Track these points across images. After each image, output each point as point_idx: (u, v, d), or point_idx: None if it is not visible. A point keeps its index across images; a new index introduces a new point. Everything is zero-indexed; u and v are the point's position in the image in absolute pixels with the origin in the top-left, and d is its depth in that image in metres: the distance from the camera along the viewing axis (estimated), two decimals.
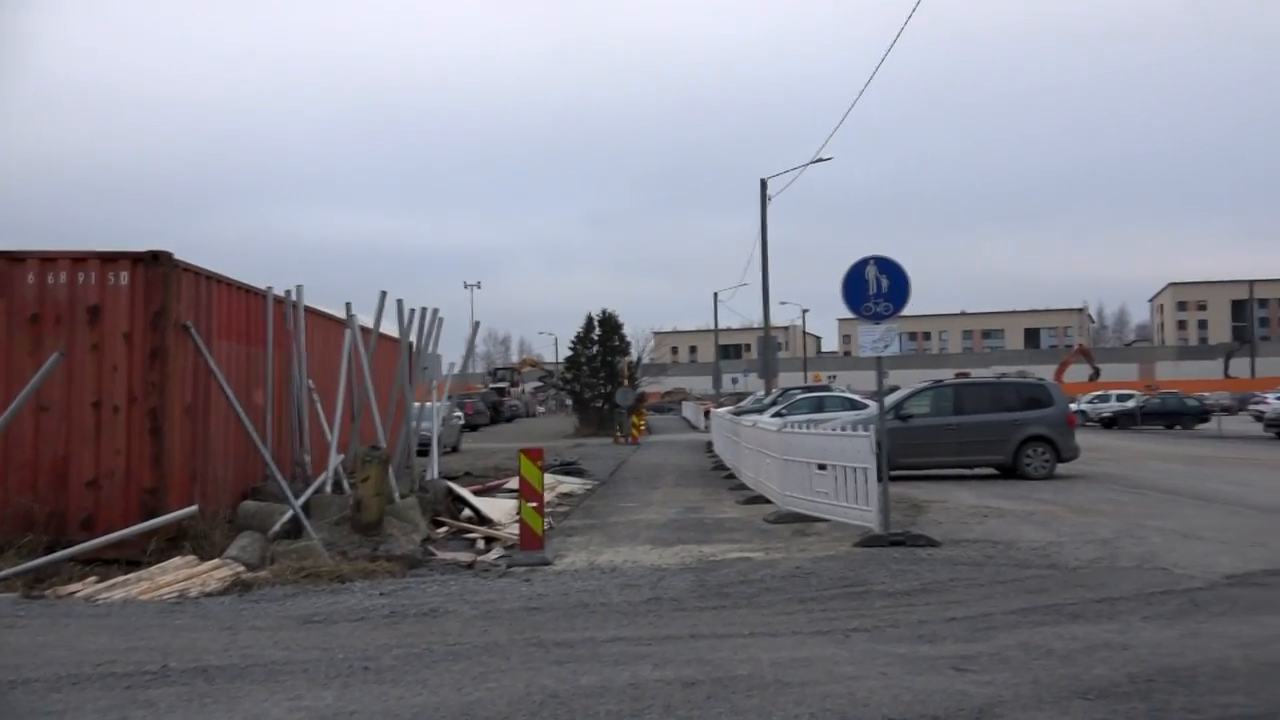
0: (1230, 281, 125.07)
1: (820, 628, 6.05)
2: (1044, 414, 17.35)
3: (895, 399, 18.51)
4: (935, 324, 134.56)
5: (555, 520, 12.81)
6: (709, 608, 6.93)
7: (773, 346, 33.04)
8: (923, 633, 5.85)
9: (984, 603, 6.89)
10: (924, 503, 13.41)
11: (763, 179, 32.12)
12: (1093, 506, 12.96)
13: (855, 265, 10.62)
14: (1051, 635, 5.69)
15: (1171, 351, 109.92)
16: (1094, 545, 9.60)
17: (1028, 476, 16.81)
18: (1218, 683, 4.59)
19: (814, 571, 8.40)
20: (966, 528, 11.02)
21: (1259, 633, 5.70)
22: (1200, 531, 10.45)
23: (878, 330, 10.66)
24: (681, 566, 8.95)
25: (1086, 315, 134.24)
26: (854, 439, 10.87)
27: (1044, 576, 7.99)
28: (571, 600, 7.32)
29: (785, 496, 12.69)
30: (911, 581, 7.81)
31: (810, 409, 25.30)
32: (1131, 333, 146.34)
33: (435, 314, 14.53)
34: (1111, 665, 4.93)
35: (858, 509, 10.73)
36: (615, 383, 40.01)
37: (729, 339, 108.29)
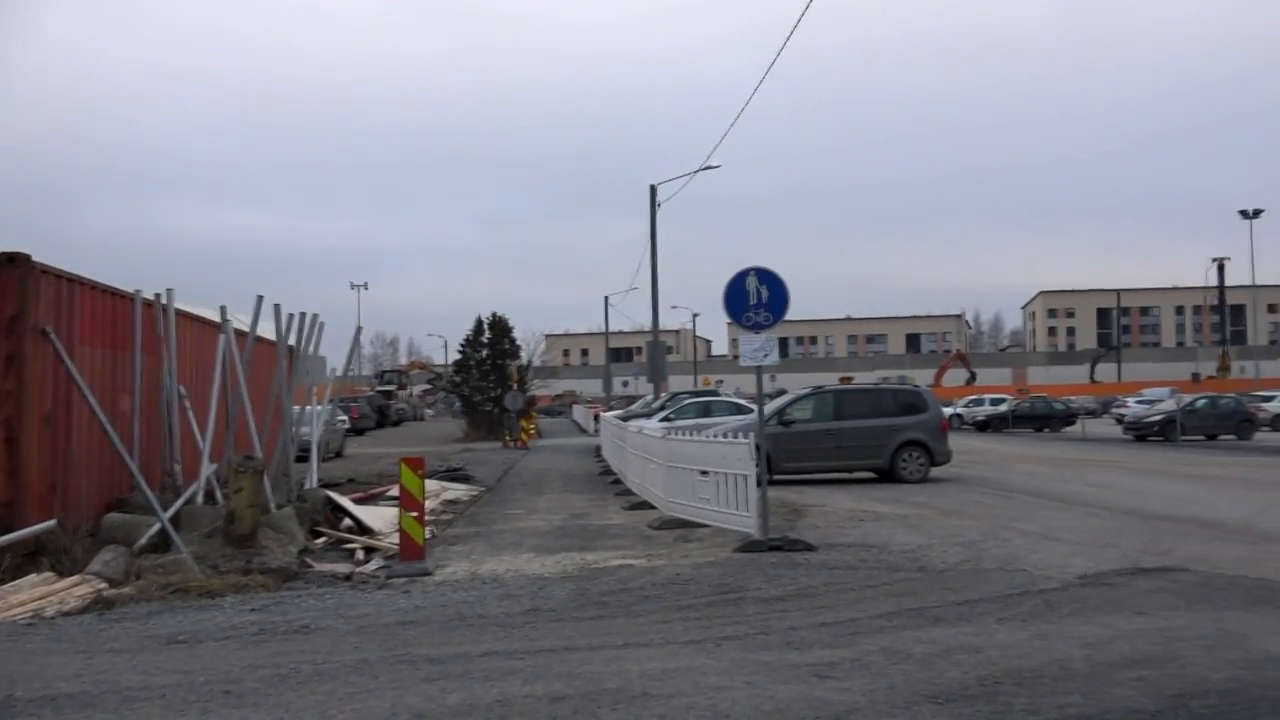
0: (1096, 290, 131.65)
1: (694, 636, 6.15)
2: (919, 420, 17.96)
3: (778, 405, 18.91)
4: (822, 329, 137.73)
5: (439, 529, 12.67)
6: (587, 618, 6.96)
7: (662, 351, 33.32)
8: (792, 639, 6.00)
9: (853, 607, 7.10)
10: (804, 507, 13.73)
11: (652, 185, 32.40)
12: (962, 509, 13.47)
13: (736, 276, 10.82)
14: (912, 639, 5.91)
15: (1042, 357, 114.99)
16: (961, 548, 9.98)
17: (904, 480, 17.37)
18: (1059, 683, 4.84)
19: (693, 578, 8.51)
20: (843, 532, 11.33)
21: (1102, 633, 6.04)
22: (1059, 533, 10.96)
23: (758, 340, 10.87)
24: (563, 575, 8.97)
25: (964, 321, 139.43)
26: (735, 446, 11.06)
27: (912, 580, 8.28)
28: (449, 613, 7.26)
29: (669, 502, 12.83)
30: (787, 587, 8.00)
31: (697, 413, 25.64)
32: (1006, 338, 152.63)
33: (315, 319, 14.21)
34: (964, 668, 5.15)
35: (738, 515, 10.91)
36: (505, 386, 39.68)
37: (620, 342, 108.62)
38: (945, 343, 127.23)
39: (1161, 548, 9.81)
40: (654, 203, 32.27)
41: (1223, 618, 6.43)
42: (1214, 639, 5.80)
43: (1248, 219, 61.68)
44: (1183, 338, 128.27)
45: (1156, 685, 4.77)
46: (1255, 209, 61.57)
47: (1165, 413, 34.85)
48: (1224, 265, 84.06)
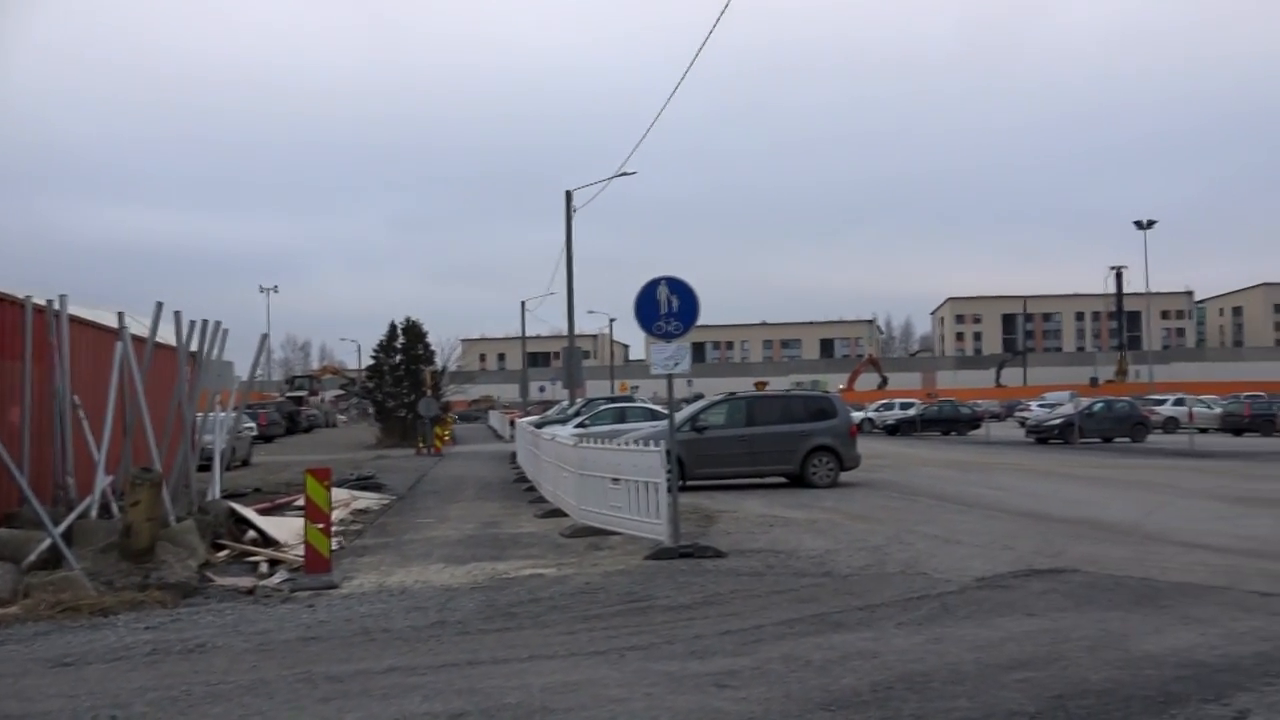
0: (1002, 297, 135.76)
1: (599, 647, 6.17)
2: (829, 425, 18.28)
3: (691, 411, 19.08)
4: (738, 333, 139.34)
5: (347, 540, 12.47)
6: (494, 630, 6.93)
7: (578, 356, 33.30)
8: (695, 648, 6.07)
9: (759, 614, 7.20)
10: (716, 513, 13.87)
11: (568, 191, 32.42)
12: (869, 514, 13.76)
13: (647, 285, 10.88)
14: (813, 646, 6.03)
15: (951, 361, 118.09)
16: (866, 552, 10.19)
17: (814, 485, 17.66)
18: (949, 687, 5.00)
19: (603, 587, 8.54)
20: (752, 537, 11.47)
21: (993, 635, 6.24)
22: (960, 536, 11.28)
23: (669, 348, 10.94)
24: (472, 586, 8.91)
25: (876, 327, 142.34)
26: (646, 454, 11.13)
27: (818, 585, 8.43)
28: (354, 627, 7.15)
29: (581, 510, 12.84)
30: (694, 594, 8.08)
31: (613, 419, 25.70)
32: (916, 343, 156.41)
33: (218, 326, 13.85)
34: (859, 674, 5.28)
35: (649, 522, 10.98)
36: (419, 392, 39.17)
37: (537, 347, 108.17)
38: (858, 348, 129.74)
39: (1055, 549, 10.15)
40: (569, 208, 32.27)
41: (1106, 618, 6.70)
42: (1096, 639, 6.05)
43: (1142, 229, 64.14)
44: (1083, 343, 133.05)
45: (1039, 687, 4.96)
46: (1149, 220, 64.05)
47: (1064, 416, 36.10)
48: (1122, 273, 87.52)
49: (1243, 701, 4.69)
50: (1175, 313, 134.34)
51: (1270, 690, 4.86)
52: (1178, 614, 6.83)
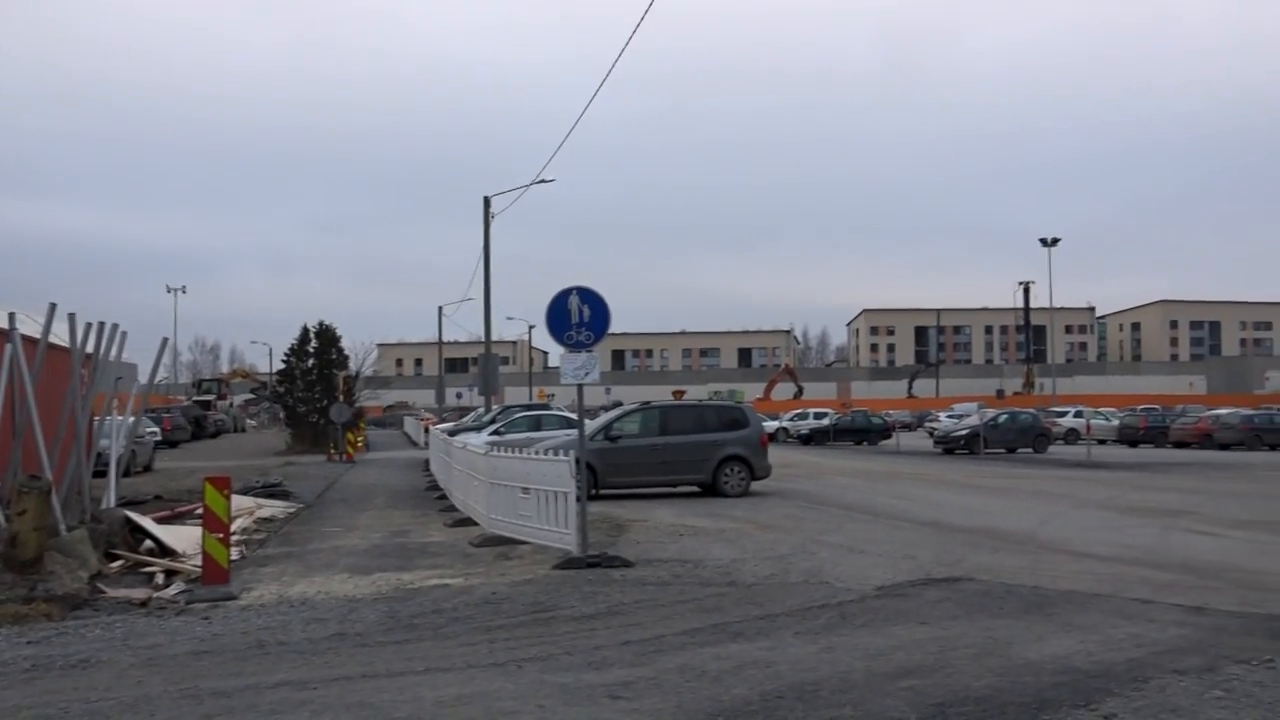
0: (914, 309, 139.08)
1: (498, 659, 6.16)
2: (741, 435, 18.50)
3: (605, 420, 19.12)
4: (657, 342, 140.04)
5: (249, 550, 12.19)
6: (393, 642, 6.86)
7: (494, 363, 33.11)
8: (594, 659, 6.10)
9: (661, 624, 7.27)
10: (627, 522, 13.91)
11: (486, 197, 32.25)
12: (777, 523, 13.95)
13: (558, 295, 10.90)
14: (710, 656, 6.11)
15: (865, 372, 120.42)
16: (771, 562, 10.34)
17: (725, 494, 17.84)
18: (836, 695, 5.12)
19: (508, 597, 8.52)
20: (661, 547, 11.54)
21: (884, 643, 6.40)
22: (864, 545, 11.52)
23: (579, 358, 10.97)
24: (376, 597, 8.81)
25: (793, 337, 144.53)
26: (555, 464, 11.13)
27: (722, 595, 8.53)
28: (249, 640, 7.01)
29: (491, 519, 12.79)
30: (599, 605, 8.11)
31: (529, 427, 25.57)
32: (831, 354, 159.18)
33: (115, 328, 13.43)
34: (752, 684, 5.37)
35: (558, 531, 10.98)
36: (332, 397, 38.49)
37: (455, 352, 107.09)
38: (775, 357, 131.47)
39: (953, 558, 10.43)
40: (488, 214, 32.09)
41: (994, 626, 6.93)
42: (982, 647, 6.25)
43: (1047, 247, 66.28)
44: (991, 355, 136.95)
45: (923, 695, 5.11)
46: (1054, 237, 66.23)
47: (971, 427, 37.10)
48: (1029, 288, 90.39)
49: (1110, 706, 4.90)
50: (1078, 327, 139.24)
51: (1137, 696, 5.09)
52: (1062, 621, 7.08)
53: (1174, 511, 15.19)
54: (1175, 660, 5.85)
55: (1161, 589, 8.45)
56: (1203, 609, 7.54)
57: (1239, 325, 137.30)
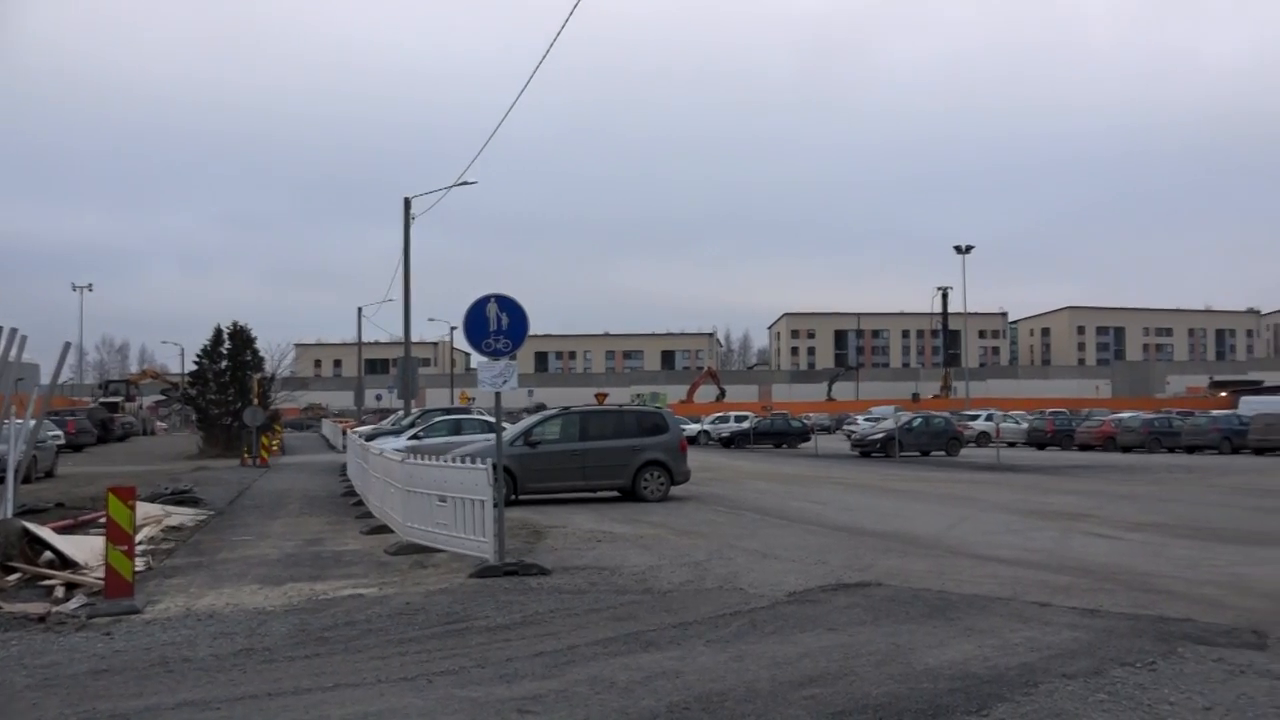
0: (835, 314, 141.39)
1: (409, 673, 6.13)
2: (660, 440, 18.63)
3: (524, 425, 19.09)
4: (581, 344, 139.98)
5: (155, 560, 11.89)
6: (303, 657, 6.78)
7: (414, 365, 32.74)
8: (506, 672, 6.12)
9: (575, 634, 7.31)
10: (545, 528, 13.92)
11: (406, 198, 31.86)
12: (695, 528, 14.09)
13: (476, 303, 10.85)
14: (621, 666, 6.18)
15: (786, 375, 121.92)
16: (687, 568, 10.45)
17: (645, 499, 17.95)
18: (741, 705, 5.23)
19: (423, 608, 8.48)
20: (579, 554, 11.58)
21: (792, 651, 6.54)
22: (778, 551, 11.70)
23: (497, 366, 10.95)
24: (287, 608, 8.68)
25: (716, 340, 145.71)
26: (472, 471, 11.08)
27: (637, 603, 8.60)
28: (152, 656, 6.85)
29: (408, 527, 12.67)
30: (515, 614, 8.11)
31: (448, 431, 25.37)
32: (753, 357, 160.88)
33: (15, 332, 12.98)
34: (659, 695, 5.45)
35: (475, 540, 10.93)
36: (246, 400, 37.63)
37: (375, 354, 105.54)
38: (698, 360, 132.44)
39: (864, 563, 10.66)
40: (408, 215, 31.73)
41: (898, 631, 7.12)
42: (885, 654, 6.43)
43: (962, 254, 68.00)
44: (908, 359, 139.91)
45: (824, 703, 5.25)
46: (968, 245, 68.00)
47: (886, 431, 37.89)
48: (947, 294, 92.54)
49: (1001, 712, 5.10)
50: (991, 332, 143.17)
51: (1026, 701, 5.30)
52: (963, 626, 7.32)
53: (1075, 514, 15.75)
54: (1065, 664, 6.10)
55: (1059, 592, 8.77)
56: (1096, 611, 7.85)
57: (1142, 332, 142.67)
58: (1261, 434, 36.50)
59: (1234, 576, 9.66)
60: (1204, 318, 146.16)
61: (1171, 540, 12.51)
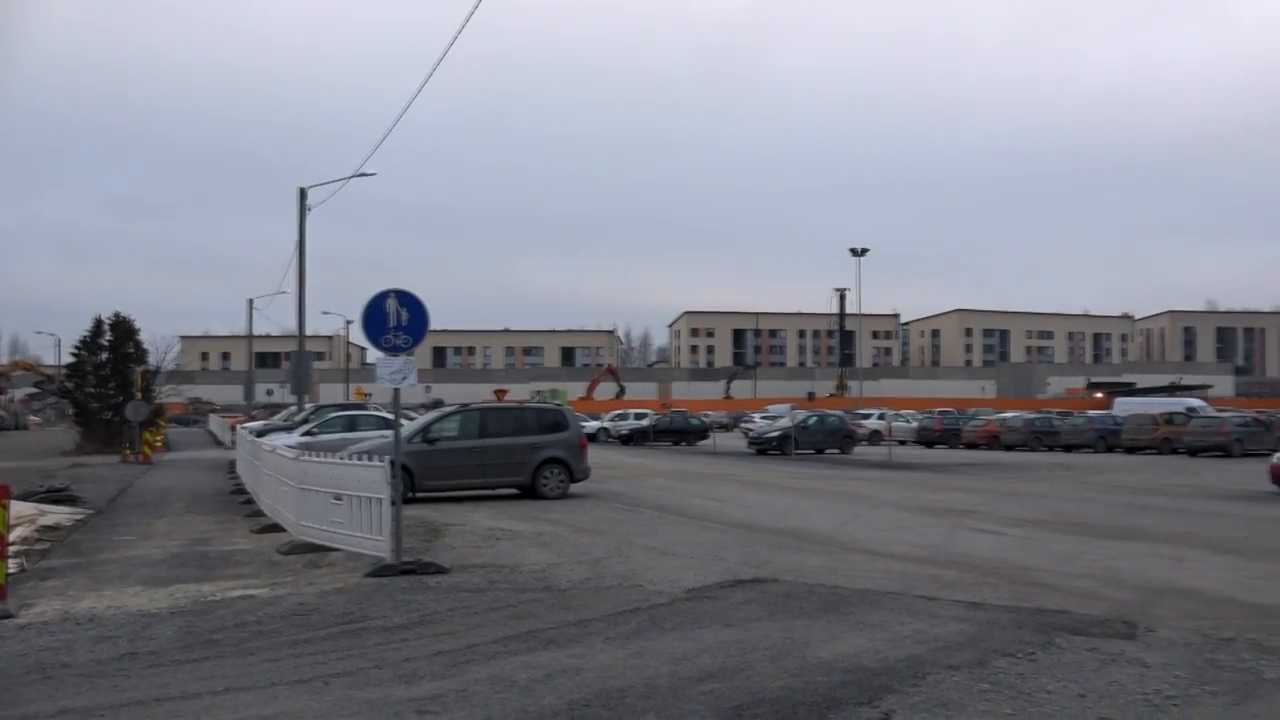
0: (733, 313, 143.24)
1: (303, 675, 6.01)
2: (560, 438, 18.61)
3: (423, 422, 18.84)
4: (480, 339, 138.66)
5: (30, 561, 11.38)
6: (191, 660, 6.58)
7: (308, 359, 31.93)
8: (404, 672, 6.05)
9: (473, 633, 7.27)
10: (443, 526, 13.78)
11: (301, 188, 31.02)
12: (594, 526, 14.12)
13: (376, 297, 10.67)
14: (521, 665, 6.17)
15: (685, 373, 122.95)
16: (586, 565, 10.47)
17: (544, 497, 17.91)
18: (641, 702, 5.29)
19: (317, 608, 8.32)
20: (478, 552, 11.50)
21: (691, 647, 6.64)
22: (677, 548, 11.82)
23: (396, 362, 10.79)
24: (173, 610, 8.41)
25: (616, 337, 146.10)
26: (369, 469, 10.90)
27: (536, 601, 8.59)
28: (28, 663, 6.56)
29: (301, 526, 12.40)
30: (412, 614, 8.02)
31: (344, 427, 24.82)
32: (653, 354, 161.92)
33: None
34: (560, 693, 5.47)
35: (372, 538, 10.77)
36: (128, 393, 36.17)
37: (266, 347, 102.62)
38: (598, 357, 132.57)
39: (760, 559, 10.86)
40: (303, 206, 30.95)
41: (794, 626, 7.29)
42: (781, 648, 6.58)
43: (857, 256, 69.73)
44: (804, 358, 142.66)
45: (722, 698, 5.35)
46: (863, 248, 69.80)
47: (782, 429, 38.56)
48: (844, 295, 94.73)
49: (891, 703, 5.28)
50: (884, 333, 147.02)
51: (914, 692, 5.50)
52: (855, 620, 7.53)
53: (961, 511, 16.32)
54: (951, 655, 6.34)
55: (946, 586, 9.10)
56: (980, 605, 8.17)
57: (1025, 334, 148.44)
58: (1134, 434, 38.38)
59: (1107, 570, 10.17)
60: (1082, 322, 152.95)
61: (1050, 536, 13.07)
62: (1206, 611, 7.94)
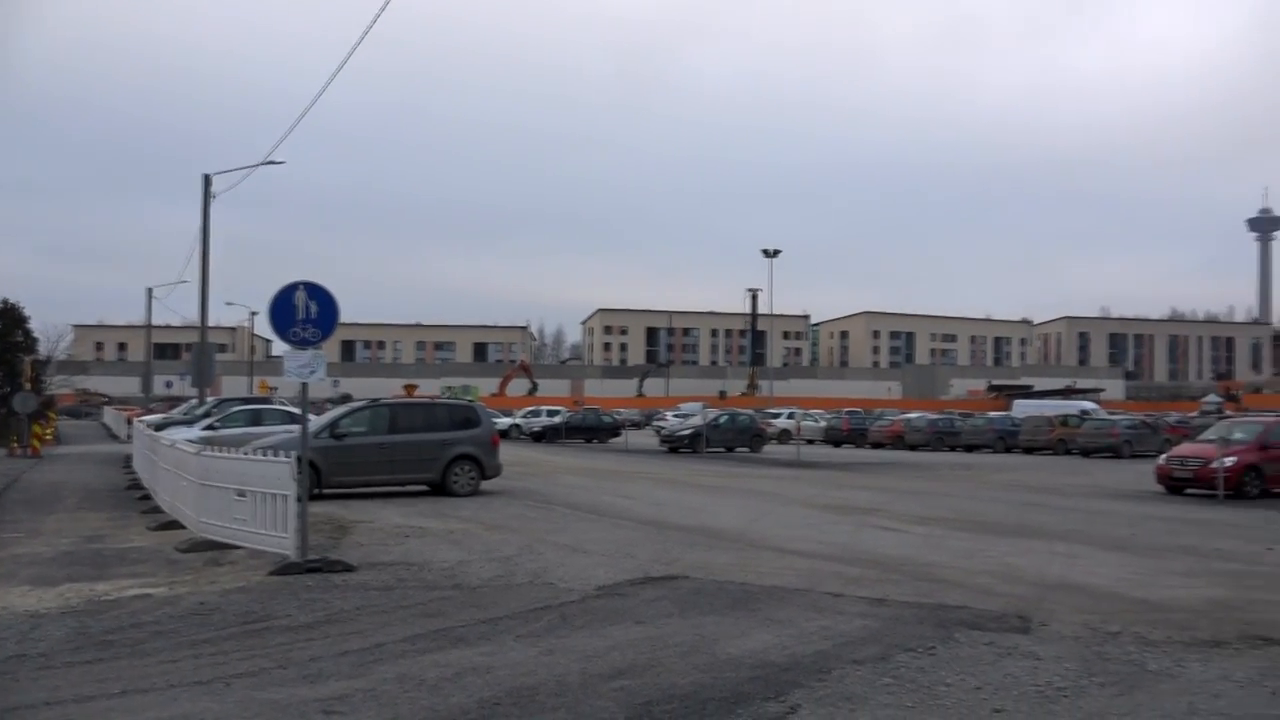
0: (647, 311, 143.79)
1: (203, 677, 5.85)
2: (471, 434, 18.45)
3: (331, 417, 18.49)
4: (390, 333, 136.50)
5: None
6: (84, 662, 6.35)
7: (210, 351, 31.04)
8: (309, 672, 5.94)
9: (381, 631, 7.18)
10: (351, 523, 13.55)
11: (206, 175, 30.14)
12: (505, 523, 14.04)
13: (284, 290, 10.43)
14: (430, 664, 6.12)
15: (598, 370, 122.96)
16: (497, 563, 10.42)
17: (455, 494, 17.73)
18: (552, 699, 5.30)
19: (218, 607, 8.10)
20: (386, 549, 11.34)
21: (602, 644, 6.67)
22: (588, 545, 11.84)
23: (305, 356, 10.56)
24: (64, 610, 8.10)
25: (529, 334, 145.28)
26: (274, 465, 10.66)
27: (446, 599, 8.52)
28: None
29: (202, 522, 12.08)
30: (318, 613, 7.88)
31: (247, 422, 24.23)
32: (567, 351, 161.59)
33: None
34: (469, 692, 5.44)
35: (276, 536, 10.54)
36: (15, 384, 34.65)
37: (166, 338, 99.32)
38: (511, 353, 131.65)
39: (671, 556, 10.94)
40: (208, 193, 30.05)
41: (704, 623, 7.38)
42: (691, 645, 6.65)
43: (769, 257, 70.63)
44: (716, 357, 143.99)
45: (633, 695, 5.39)
46: (775, 249, 70.72)
47: (694, 427, 38.89)
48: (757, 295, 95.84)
49: (797, 697, 5.39)
50: (794, 334, 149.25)
51: (820, 686, 5.62)
52: (763, 616, 7.66)
53: (867, 509, 16.70)
54: (855, 650, 6.50)
55: (851, 583, 9.31)
56: (884, 601, 8.39)
57: (930, 337, 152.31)
58: (1030, 434, 39.76)
59: (1005, 566, 10.53)
60: (984, 326, 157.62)
61: (951, 533, 13.47)
62: (1096, 606, 8.29)
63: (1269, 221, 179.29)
